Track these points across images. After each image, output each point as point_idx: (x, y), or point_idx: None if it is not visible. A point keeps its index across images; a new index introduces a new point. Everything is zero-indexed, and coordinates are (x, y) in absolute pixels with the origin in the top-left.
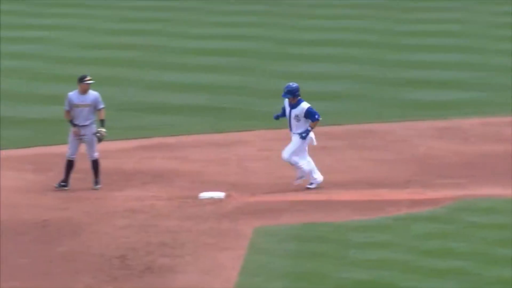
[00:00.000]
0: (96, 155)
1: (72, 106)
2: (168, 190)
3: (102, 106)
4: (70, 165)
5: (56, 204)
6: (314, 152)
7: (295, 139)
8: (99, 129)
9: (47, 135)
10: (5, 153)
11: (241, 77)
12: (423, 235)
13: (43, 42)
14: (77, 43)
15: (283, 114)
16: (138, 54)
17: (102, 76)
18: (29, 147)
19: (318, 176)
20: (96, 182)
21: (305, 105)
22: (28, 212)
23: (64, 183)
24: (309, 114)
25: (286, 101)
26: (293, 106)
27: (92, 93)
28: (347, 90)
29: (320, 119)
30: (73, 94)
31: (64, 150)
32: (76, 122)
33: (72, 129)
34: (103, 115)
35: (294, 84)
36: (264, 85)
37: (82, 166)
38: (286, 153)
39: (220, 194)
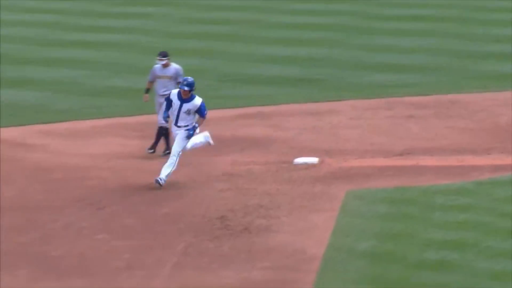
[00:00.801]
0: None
1: (155, 77)
2: (265, 156)
3: (181, 80)
4: (162, 131)
5: (161, 168)
6: (402, 121)
7: (182, 134)
8: None
9: (151, 104)
10: (113, 121)
11: (332, 50)
12: (504, 198)
13: (150, 18)
14: (182, 18)
15: (168, 109)
16: (238, 28)
17: (204, 49)
18: (135, 115)
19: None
20: (166, 149)
21: (198, 100)
22: (135, 176)
23: (167, 151)
24: (201, 110)
25: (174, 95)
26: (185, 100)
27: (174, 67)
28: (433, 63)
29: (207, 117)
30: (157, 67)
31: None
32: (158, 92)
33: (144, 96)
34: None
35: (191, 78)
36: (354, 58)
37: None
38: (174, 149)
39: (314, 160)
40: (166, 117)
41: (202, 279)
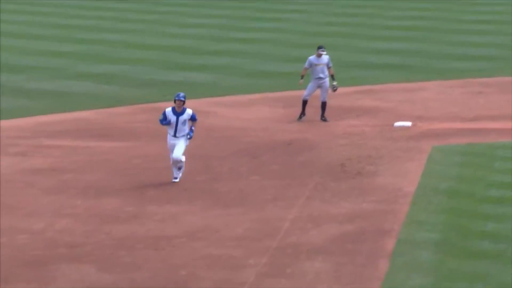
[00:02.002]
0: (326, 99)
1: (312, 65)
2: (373, 120)
3: (330, 65)
4: (305, 103)
5: (298, 129)
6: (473, 96)
7: (183, 141)
8: (333, 84)
9: (294, 83)
10: (264, 95)
11: (423, 45)
12: None
13: (290, 22)
14: (314, 22)
15: (164, 120)
16: (355, 29)
17: (331, 44)
18: (280, 91)
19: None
20: (323, 117)
21: (190, 110)
22: (278, 135)
23: (303, 115)
24: (193, 116)
25: (169, 111)
26: (180, 113)
27: (326, 56)
28: (497, 54)
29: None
30: (312, 57)
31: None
32: (316, 76)
33: (299, 81)
34: (332, 71)
35: (183, 93)
36: (438, 50)
37: (316, 103)
38: (179, 152)
39: (408, 123)
40: (168, 123)
41: (327, 209)
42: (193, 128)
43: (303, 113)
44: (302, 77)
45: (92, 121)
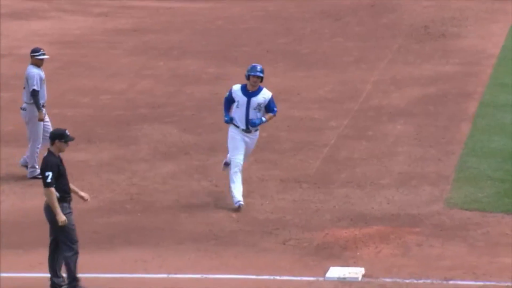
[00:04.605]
0: None
1: None
2: None
3: None
4: None
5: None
6: None
7: (254, 138)
8: None
9: None
10: None
11: None
12: None
13: None
14: None
15: (228, 110)
16: None
17: None
18: None
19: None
20: None
21: (268, 92)
22: None
23: None
24: (272, 104)
25: (238, 89)
26: (252, 94)
27: None
28: None
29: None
30: None
31: None
32: None
33: None
34: None
35: (260, 65)
36: None
37: None
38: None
39: None
40: (229, 121)
41: (410, 71)
42: (264, 119)
43: None
44: None
45: None
